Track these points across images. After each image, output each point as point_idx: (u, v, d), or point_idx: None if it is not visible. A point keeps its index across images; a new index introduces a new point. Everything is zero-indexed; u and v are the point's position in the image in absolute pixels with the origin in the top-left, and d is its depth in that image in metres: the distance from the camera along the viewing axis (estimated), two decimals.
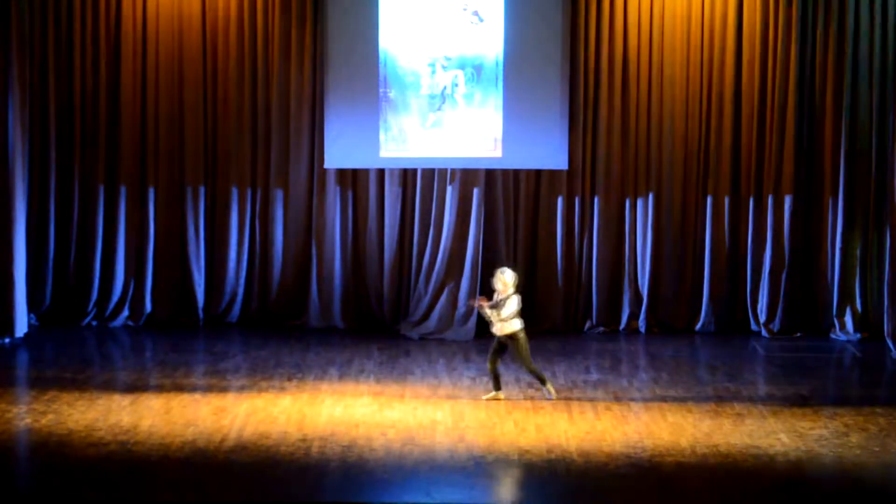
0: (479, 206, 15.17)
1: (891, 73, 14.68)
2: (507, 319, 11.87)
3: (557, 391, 12.29)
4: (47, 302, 15.34)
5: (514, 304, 11.88)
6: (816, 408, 11.82)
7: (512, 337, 11.90)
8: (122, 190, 15.31)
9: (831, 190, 15.10)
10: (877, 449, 10.53)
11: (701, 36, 15.06)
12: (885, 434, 10.96)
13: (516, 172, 15.33)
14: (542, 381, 12.07)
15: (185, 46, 15.18)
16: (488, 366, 12.06)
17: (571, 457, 10.17)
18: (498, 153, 14.97)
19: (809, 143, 15.13)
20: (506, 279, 11.98)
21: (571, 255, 15.38)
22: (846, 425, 11.21)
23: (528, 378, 12.83)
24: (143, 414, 11.34)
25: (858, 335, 15.00)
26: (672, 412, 11.55)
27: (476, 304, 12.38)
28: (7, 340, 14.16)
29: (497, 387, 11.99)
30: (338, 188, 15.39)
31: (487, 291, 15.10)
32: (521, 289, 12.17)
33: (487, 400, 11.89)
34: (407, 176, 15.39)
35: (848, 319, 15.09)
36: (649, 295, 15.27)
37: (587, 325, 15.41)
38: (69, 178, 15.29)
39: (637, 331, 15.31)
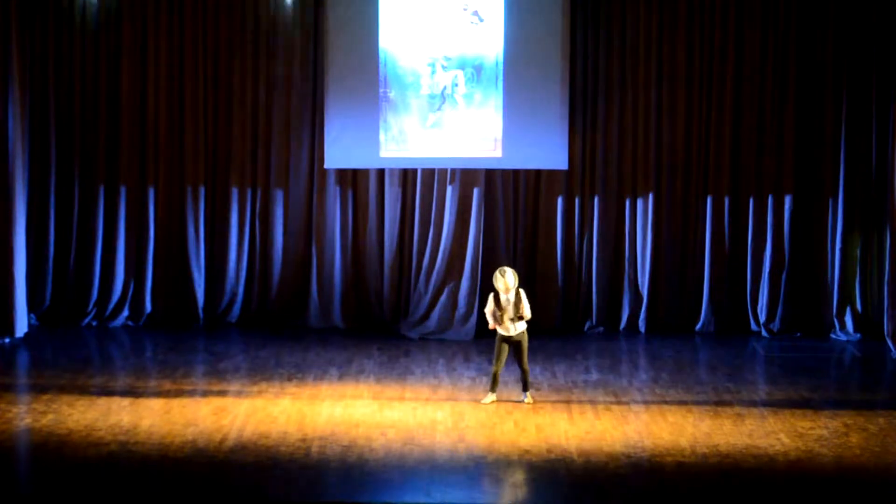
0: (479, 206, 15.17)
1: (891, 72, 14.68)
2: (528, 317, 11.79)
3: (557, 391, 12.30)
4: (47, 302, 15.35)
5: (525, 300, 11.80)
6: (816, 408, 11.82)
7: (520, 336, 11.82)
8: (122, 190, 15.32)
9: (831, 190, 15.10)
10: (877, 449, 10.53)
11: (701, 35, 15.06)
12: (885, 434, 10.96)
13: (516, 172, 15.33)
14: (526, 387, 11.88)
15: (186, 46, 15.18)
16: (498, 369, 11.79)
17: (571, 457, 10.17)
18: (498, 153, 14.97)
19: (809, 143, 15.13)
20: (508, 280, 11.75)
21: (571, 255, 15.39)
22: (846, 425, 11.21)
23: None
24: (143, 414, 11.34)
25: (858, 335, 15.00)
26: (672, 412, 11.56)
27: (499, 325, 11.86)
28: (7, 340, 14.17)
29: (494, 389, 11.89)
30: (338, 188, 15.40)
31: (487, 291, 15.13)
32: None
33: (489, 403, 11.78)
34: (407, 176, 15.39)
35: (848, 319, 15.09)
36: (649, 295, 15.28)
37: (587, 325, 15.41)
38: (69, 178, 15.30)
39: (637, 331, 15.31)
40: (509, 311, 11.72)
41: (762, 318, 15.21)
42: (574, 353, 14.13)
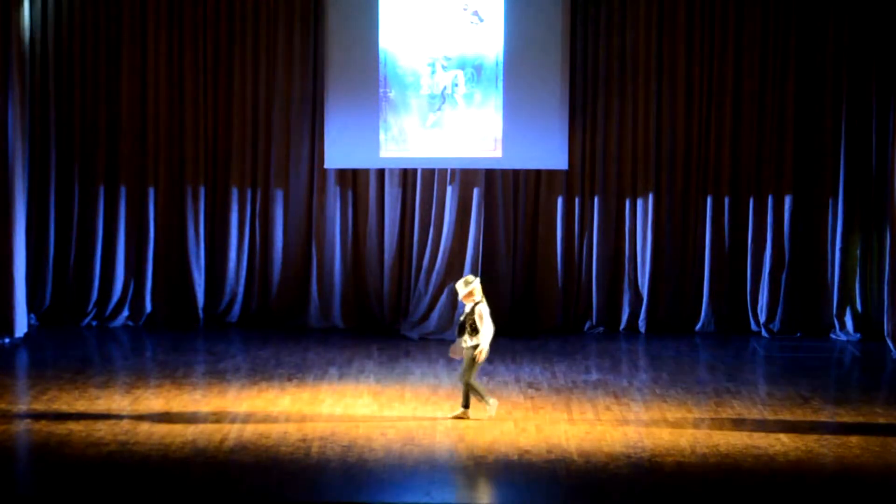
0: (479, 206, 15.17)
1: (891, 72, 14.68)
2: (487, 332, 11.03)
3: (557, 391, 12.30)
4: (47, 302, 15.35)
5: (487, 313, 11.05)
6: (816, 408, 11.82)
7: (467, 351, 11.08)
8: (122, 190, 15.32)
9: (831, 190, 15.10)
10: (877, 449, 10.52)
11: (701, 35, 15.06)
12: (884, 434, 10.95)
13: (516, 172, 15.33)
14: (466, 405, 11.14)
15: (185, 46, 15.19)
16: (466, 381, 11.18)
17: (571, 457, 10.17)
18: (498, 153, 14.97)
19: (809, 143, 15.13)
20: (458, 290, 11.15)
21: (571, 255, 15.38)
22: (846, 425, 11.21)
23: (527, 378, 12.85)
24: (143, 414, 11.34)
25: (858, 335, 15.00)
26: (672, 412, 11.56)
27: (458, 356, 11.28)
28: (7, 340, 14.16)
29: (483, 397, 11.24)
30: (338, 188, 15.40)
31: (487, 291, 15.11)
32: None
33: (454, 417, 11.18)
34: (407, 176, 15.39)
35: (848, 319, 15.09)
36: (649, 295, 15.27)
37: (587, 325, 15.41)
38: (69, 178, 15.30)
39: (637, 331, 15.31)
40: (467, 321, 11.06)
41: (762, 318, 15.21)
42: (574, 353, 14.13)
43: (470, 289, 11.14)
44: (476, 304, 11.13)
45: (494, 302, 15.09)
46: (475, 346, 11.04)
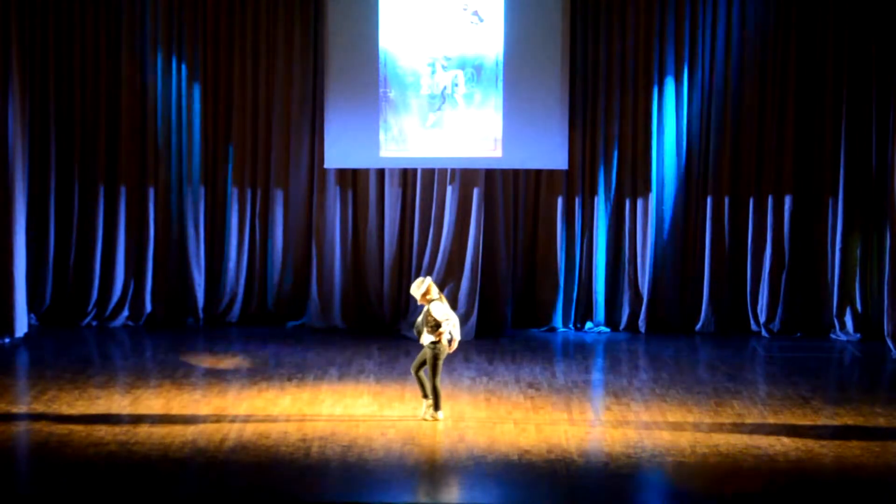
0: (479, 206, 15.17)
1: (891, 72, 14.67)
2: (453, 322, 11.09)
3: (557, 391, 12.30)
4: (47, 302, 15.35)
5: (446, 307, 11.11)
6: (816, 408, 11.82)
7: (427, 349, 11.10)
8: (122, 190, 15.32)
9: (831, 190, 15.10)
10: (877, 449, 10.53)
11: (701, 35, 15.06)
12: (884, 434, 10.95)
13: (516, 172, 15.33)
14: (436, 404, 11.18)
15: (186, 46, 15.18)
16: (415, 374, 11.30)
17: (571, 457, 10.18)
18: (498, 153, 14.97)
19: (809, 143, 15.13)
20: (413, 291, 11.16)
21: (571, 255, 15.38)
22: (846, 425, 11.22)
23: (527, 378, 12.85)
24: (143, 414, 11.34)
25: (858, 335, 15.00)
26: (672, 412, 11.56)
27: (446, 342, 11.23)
28: (7, 340, 14.16)
29: (426, 394, 11.27)
30: (338, 188, 15.40)
31: (487, 291, 15.16)
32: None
33: (430, 417, 11.19)
34: (407, 176, 15.39)
35: (848, 319, 15.09)
36: (649, 295, 15.27)
37: (587, 324, 15.41)
38: (69, 178, 15.29)
39: (637, 331, 15.31)
40: (425, 321, 11.11)
41: (762, 318, 15.21)
42: (574, 353, 14.14)
43: (424, 289, 11.15)
44: (430, 302, 11.10)
45: (494, 302, 15.22)
46: (435, 343, 11.05)
